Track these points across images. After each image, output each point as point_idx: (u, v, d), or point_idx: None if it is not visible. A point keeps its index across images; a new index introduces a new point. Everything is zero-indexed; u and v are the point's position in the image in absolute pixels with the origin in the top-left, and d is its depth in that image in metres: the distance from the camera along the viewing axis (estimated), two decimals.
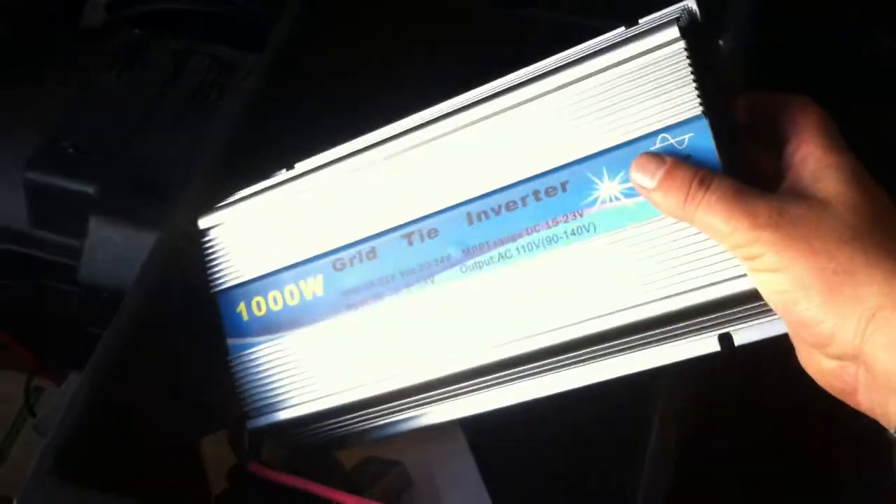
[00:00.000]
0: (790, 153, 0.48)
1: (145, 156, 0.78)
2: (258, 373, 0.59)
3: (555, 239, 0.51)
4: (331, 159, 0.58)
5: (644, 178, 0.47)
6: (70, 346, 0.76)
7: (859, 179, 0.46)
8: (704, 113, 0.47)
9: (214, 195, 0.61)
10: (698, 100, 0.48)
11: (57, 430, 0.56)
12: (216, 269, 0.60)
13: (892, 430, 0.43)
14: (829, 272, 0.43)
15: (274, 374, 0.58)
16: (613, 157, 0.49)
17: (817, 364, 0.47)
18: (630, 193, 0.49)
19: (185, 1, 0.88)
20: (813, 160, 0.47)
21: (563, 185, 0.51)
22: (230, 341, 0.60)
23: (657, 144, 0.48)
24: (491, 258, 0.53)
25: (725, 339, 0.51)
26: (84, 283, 0.77)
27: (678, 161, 0.47)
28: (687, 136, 0.48)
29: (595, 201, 0.50)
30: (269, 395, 0.59)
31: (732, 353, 0.52)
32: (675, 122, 0.48)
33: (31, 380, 0.76)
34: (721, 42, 0.51)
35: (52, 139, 0.79)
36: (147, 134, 0.80)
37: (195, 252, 0.61)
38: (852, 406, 0.46)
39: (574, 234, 0.51)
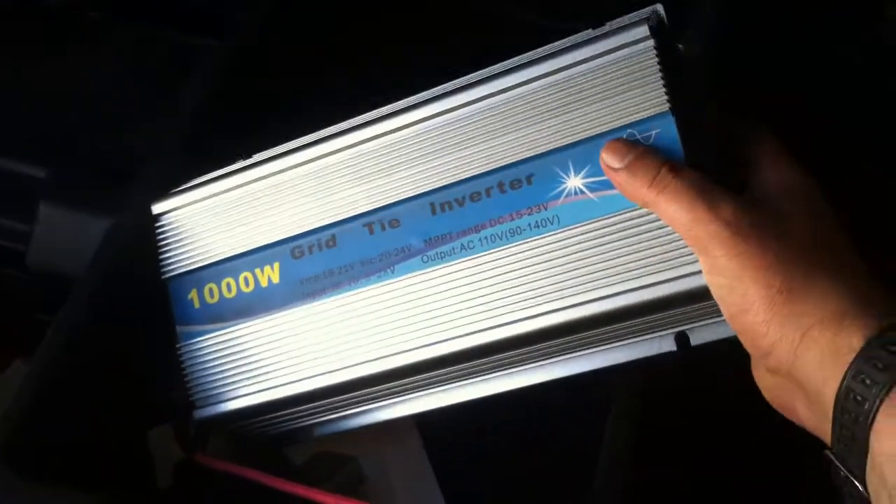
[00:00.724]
0: (749, 170, 0.49)
1: (100, 141, 0.76)
2: (207, 362, 0.58)
3: (518, 231, 0.51)
4: (291, 148, 0.57)
5: (614, 159, 0.48)
6: (16, 332, 0.74)
7: (810, 199, 0.47)
8: (671, 109, 0.48)
9: (170, 181, 0.60)
10: (666, 96, 0.48)
11: (2, 421, 0.55)
12: (168, 255, 0.59)
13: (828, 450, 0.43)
14: (774, 290, 0.44)
15: (224, 364, 0.57)
16: (580, 151, 0.50)
17: (762, 375, 0.47)
18: (595, 187, 0.49)
19: None
20: (770, 179, 0.47)
21: (529, 178, 0.51)
22: (180, 329, 0.59)
23: (625, 137, 0.49)
24: (453, 249, 0.52)
25: (682, 339, 0.51)
26: (32, 269, 0.74)
27: (650, 149, 0.48)
28: (654, 132, 0.49)
29: (560, 194, 0.50)
30: (217, 384, 0.58)
31: (688, 355, 0.52)
32: (642, 117, 0.49)
33: None
34: (684, 45, 0.51)
35: (3, 122, 0.77)
36: (102, 119, 0.78)
37: (149, 238, 0.60)
38: (797, 423, 0.47)
39: (537, 226, 0.51)
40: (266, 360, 0.56)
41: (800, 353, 0.43)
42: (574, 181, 0.50)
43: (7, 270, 0.77)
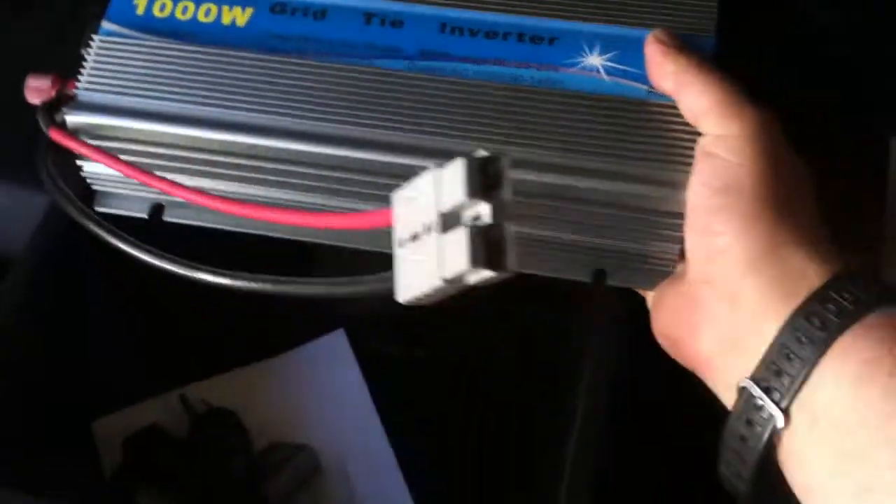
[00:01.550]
0: None
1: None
2: (113, 63, 0.51)
3: (518, 78, 0.49)
4: None
5: (666, 35, 0.47)
6: None
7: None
8: (716, 35, 0.48)
9: None
10: (715, 22, 0.49)
11: None
12: None
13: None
14: (771, 192, 0.42)
15: (136, 70, 0.50)
16: (615, 36, 0.49)
17: (668, 294, 0.46)
18: (611, 71, 0.49)
19: None
20: None
21: (552, 40, 0.50)
22: (106, 24, 0.52)
23: None
24: (444, 68, 0.49)
25: (599, 274, 0.49)
26: None
27: None
28: None
29: (575, 64, 0.49)
30: (112, 86, 0.50)
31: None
32: (687, 33, 0.48)
33: None
34: None
35: None
36: None
37: None
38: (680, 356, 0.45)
39: (540, 81, 0.49)
40: (180, 87, 0.50)
41: (761, 265, 0.41)
42: (594, 59, 0.49)
43: None
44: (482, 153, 0.32)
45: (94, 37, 0.51)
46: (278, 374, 0.65)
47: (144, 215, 0.52)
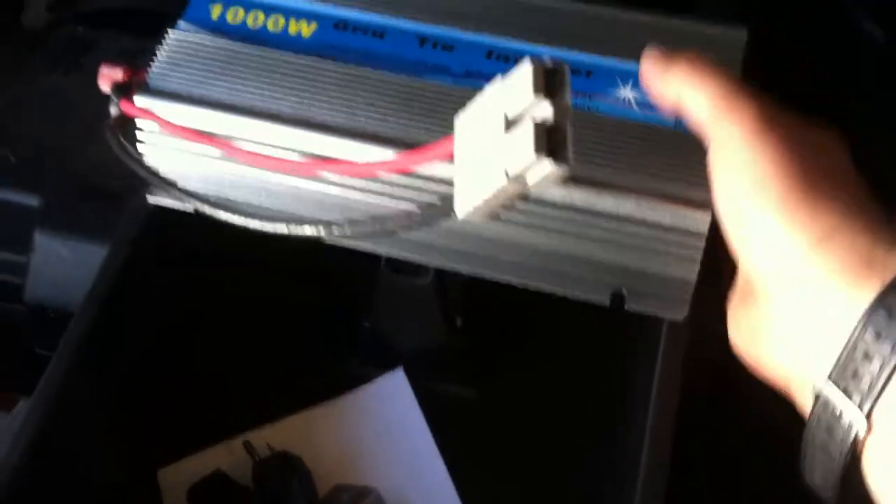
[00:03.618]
0: None
1: (91, 162, 0.72)
2: (187, 53, 0.55)
3: None
4: None
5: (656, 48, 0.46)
6: (19, 370, 0.72)
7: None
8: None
9: None
10: (739, 72, 0.53)
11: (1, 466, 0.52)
12: None
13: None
14: (793, 181, 0.39)
15: (201, 62, 0.55)
16: None
17: (738, 313, 0.44)
18: (642, 104, 0.52)
19: None
20: None
21: (588, 73, 0.54)
22: (181, 23, 0.57)
23: None
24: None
25: (617, 297, 0.52)
26: (30, 302, 0.71)
27: None
28: None
29: (608, 95, 0.53)
30: (180, 75, 0.54)
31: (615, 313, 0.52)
32: None
33: None
34: None
35: None
36: (94, 138, 0.70)
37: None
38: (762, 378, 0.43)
39: (575, 105, 0.52)
40: (243, 83, 0.53)
41: (817, 256, 0.38)
42: (627, 92, 0.53)
43: (5, 304, 0.73)
44: (547, 59, 0.36)
45: (169, 31, 0.56)
46: (340, 415, 0.64)
47: (191, 210, 0.55)
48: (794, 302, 0.39)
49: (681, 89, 0.43)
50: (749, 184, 0.40)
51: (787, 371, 0.40)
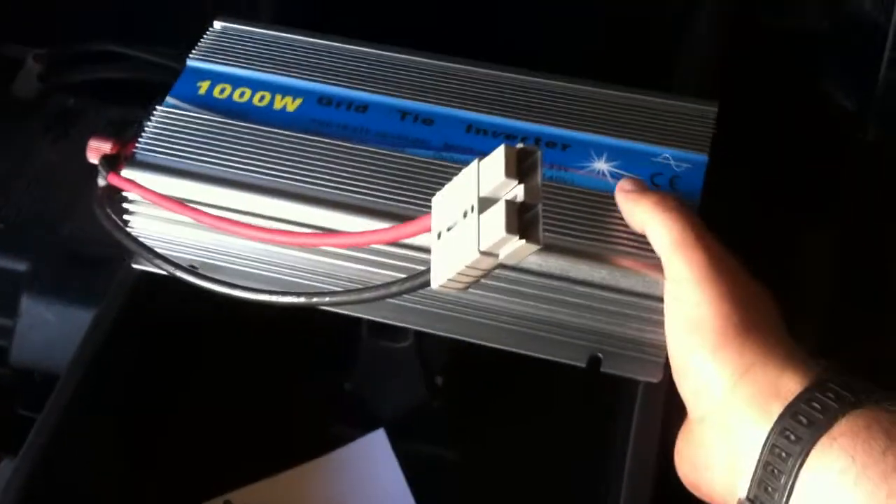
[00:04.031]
0: None
1: (79, 229, 0.76)
2: (174, 129, 0.57)
3: None
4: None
5: (629, 183, 0.51)
6: (1, 430, 0.72)
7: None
8: (709, 156, 0.55)
9: None
10: (709, 145, 0.56)
11: None
12: (205, 44, 0.61)
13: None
14: (730, 323, 0.45)
15: (188, 137, 0.56)
16: (620, 148, 0.56)
17: (686, 441, 0.48)
18: (616, 176, 0.55)
19: (122, 69, 0.87)
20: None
21: (564, 146, 0.56)
22: (169, 99, 0.58)
23: (659, 158, 0.55)
24: (465, 160, 0.54)
25: (594, 360, 0.54)
26: (15, 364, 0.73)
27: None
28: (685, 166, 0.55)
29: (583, 167, 0.55)
30: (167, 149, 0.56)
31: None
32: (682, 149, 0.55)
33: None
34: None
35: None
36: (81, 206, 0.76)
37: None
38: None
39: (551, 178, 0.55)
40: (229, 156, 0.55)
41: (737, 389, 0.44)
42: (601, 164, 0.55)
43: None
44: (520, 145, 0.38)
45: (157, 107, 0.58)
46: (322, 475, 0.65)
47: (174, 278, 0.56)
48: (719, 430, 0.45)
49: (646, 222, 0.49)
50: (693, 320, 0.46)
51: (721, 494, 0.46)
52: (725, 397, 0.45)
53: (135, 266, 0.58)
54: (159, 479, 0.64)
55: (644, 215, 0.49)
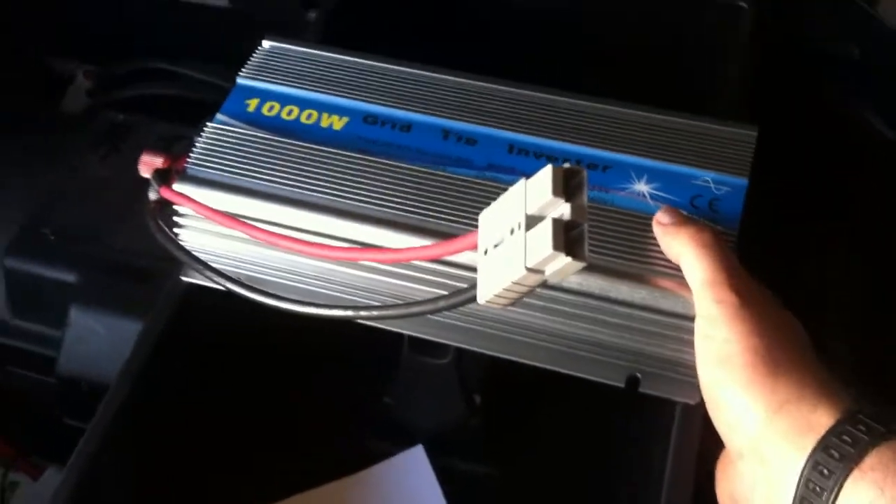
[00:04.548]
0: None
1: (127, 242, 0.78)
2: (223, 145, 0.58)
3: None
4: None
5: (666, 215, 0.52)
6: (47, 438, 0.76)
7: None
8: (749, 180, 0.56)
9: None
10: (749, 168, 0.56)
11: None
12: (255, 63, 0.63)
13: None
14: (758, 357, 0.46)
15: (238, 153, 0.58)
16: (661, 170, 0.57)
17: (724, 475, 0.49)
18: (656, 198, 0.56)
19: (171, 87, 0.89)
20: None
21: (605, 168, 0.57)
22: (219, 116, 0.60)
23: (699, 181, 0.56)
24: (507, 180, 0.56)
25: (632, 380, 0.55)
26: (63, 374, 0.75)
27: None
28: (725, 189, 0.56)
29: (624, 189, 0.56)
30: (217, 164, 0.57)
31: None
32: (722, 173, 0.56)
33: (7, 474, 0.76)
34: None
35: (33, 226, 0.79)
36: (130, 220, 0.77)
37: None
38: None
39: (591, 199, 0.55)
40: (276, 172, 0.57)
41: (772, 425, 0.45)
42: (641, 186, 0.56)
43: (37, 376, 0.78)
44: (567, 165, 0.39)
45: (208, 124, 0.59)
46: (360, 490, 0.66)
47: (224, 290, 0.57)
48: (756, 466, 0.46)
49: (680, 255, 0.50)
50: (723, 356, 0.47)
51: None
52: (760, 433, 0.46)
53: (183, 278, 0.59)
54: (199, 491, 0.64)
55: (679, 248, 0.50)
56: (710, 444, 0.51)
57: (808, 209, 0.72)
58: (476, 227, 0.46)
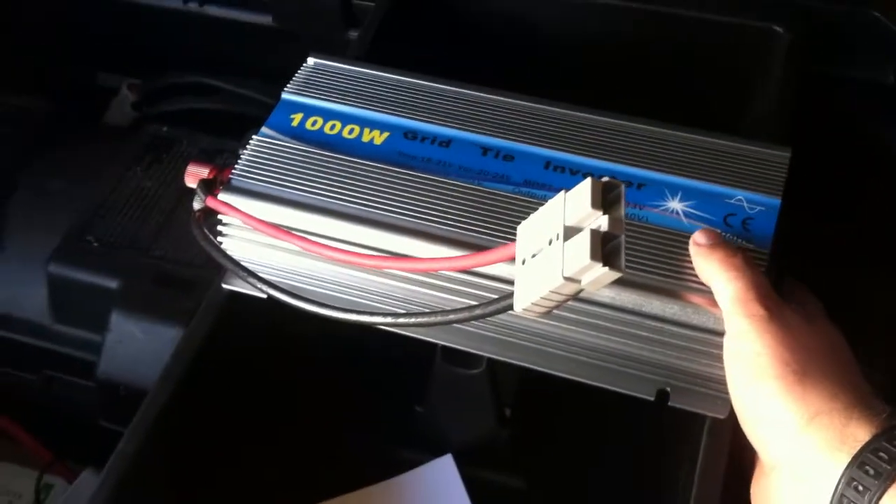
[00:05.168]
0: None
1: (167, 251, 0.80)
2: (268, 157, 0.60)
3: None
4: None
5: (703, 236, 0.52)
6: (83, 441, 0.77)
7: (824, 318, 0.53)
8: (782, 200, 0.57)
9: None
10: (783, 188, 0.57)
11: None
12: (301, 79, 0.64)
13: None
14: (789, 369, 0.47)
15: (283, 167, 0.59)
16: (695, 189, 0.58)
17: (759, 488, 0.50)
18: (690, 216, 0.57)
19: (212, 101, 0.92)
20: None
21: (640, 185, 0.58)
22: (264, 129, 0.62)
23: (733, 200, 0.57)
24: (544, 196, 0.58)
25: (661, 394, 0.55)
26: (102, 378, 0.77)
27: None
28: (758, 209, 0.57)
29: (657, 206, 0.57)
30: (261, 176, 0.59)
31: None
32: (755, 192, 0.57)
33: (42, 476, 0.77)
34: None
35: (77, 233, 0.82)
36: (170, 229, 0.82)
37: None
38: None
39: (626, 215, 0.56)
40: (319, 184, 0.58)
41: (805, 436, 0.46)
42: (675, 204, 0.57)
43: (76, 380, 0.80)
44: (605, 178, 0.40)
45: (253, 137, 0.61)
46: (389, 498, 0.67)
47: (265, 296, 0.59)
48: (790, 479, 0.47)
49: (712, 277, 0.51)
50: (754, 369, 0.48)
51: None
52: (793, 445, 0.46)
53: (224, 286, 0.61)
54: (232, 494, 0.65)
55: (710, 270, 0.51)
56: (742, 461, 0.53)
57: (848, 247, 0.73)
58: (512, 240, 0.47)
